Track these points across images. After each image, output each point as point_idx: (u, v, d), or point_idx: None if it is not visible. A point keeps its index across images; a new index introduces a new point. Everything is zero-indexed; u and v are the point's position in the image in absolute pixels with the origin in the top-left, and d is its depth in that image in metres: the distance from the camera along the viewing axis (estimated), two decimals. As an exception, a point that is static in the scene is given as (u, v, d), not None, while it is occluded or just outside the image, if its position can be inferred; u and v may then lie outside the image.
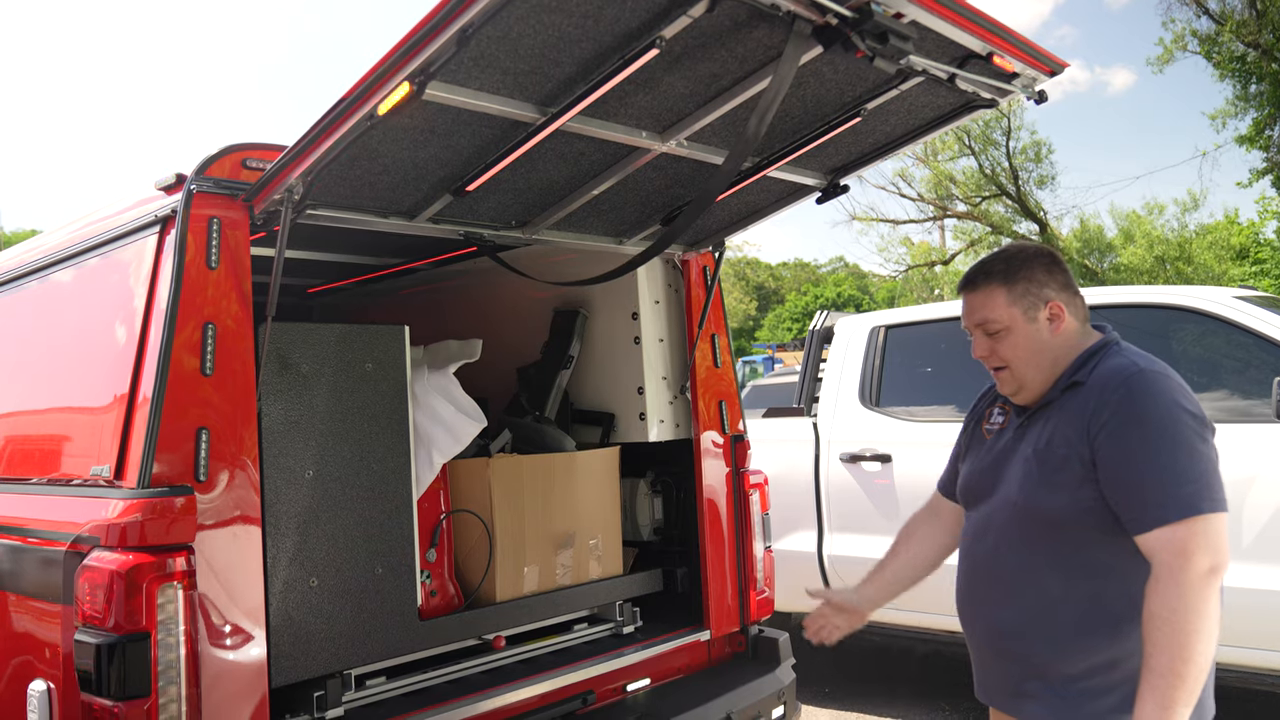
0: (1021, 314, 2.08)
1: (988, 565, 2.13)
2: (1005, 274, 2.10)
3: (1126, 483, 1.88)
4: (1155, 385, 1.92)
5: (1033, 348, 2.08)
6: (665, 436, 3.46)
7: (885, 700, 5.23)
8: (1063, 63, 2.48)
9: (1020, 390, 2.12)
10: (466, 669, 2.94)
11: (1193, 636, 1.77)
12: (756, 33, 2.15)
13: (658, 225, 3.19)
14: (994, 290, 2.11)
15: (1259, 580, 3.87)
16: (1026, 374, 2.10)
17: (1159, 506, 1.84)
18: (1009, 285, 2.09)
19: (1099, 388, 1.97)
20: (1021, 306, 2.08)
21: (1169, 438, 1.87)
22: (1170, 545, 1.82)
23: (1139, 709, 1.78)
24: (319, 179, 2.31)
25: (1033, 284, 2.09)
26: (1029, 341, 2.08)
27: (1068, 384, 2.04)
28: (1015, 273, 2.10)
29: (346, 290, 4.47)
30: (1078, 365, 2.05)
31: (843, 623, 2.46)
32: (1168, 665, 1.76)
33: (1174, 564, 1.80)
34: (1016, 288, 2.09)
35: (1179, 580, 1.79)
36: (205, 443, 2.23)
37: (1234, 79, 21.63)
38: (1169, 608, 1.79)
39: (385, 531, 2.69)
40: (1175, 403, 1.90)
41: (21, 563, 2.45)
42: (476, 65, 2.06)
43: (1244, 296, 4.45)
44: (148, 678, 2.06)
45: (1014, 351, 2.10)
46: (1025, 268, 2.10)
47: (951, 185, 28.55)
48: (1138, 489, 1.87)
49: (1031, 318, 2.08)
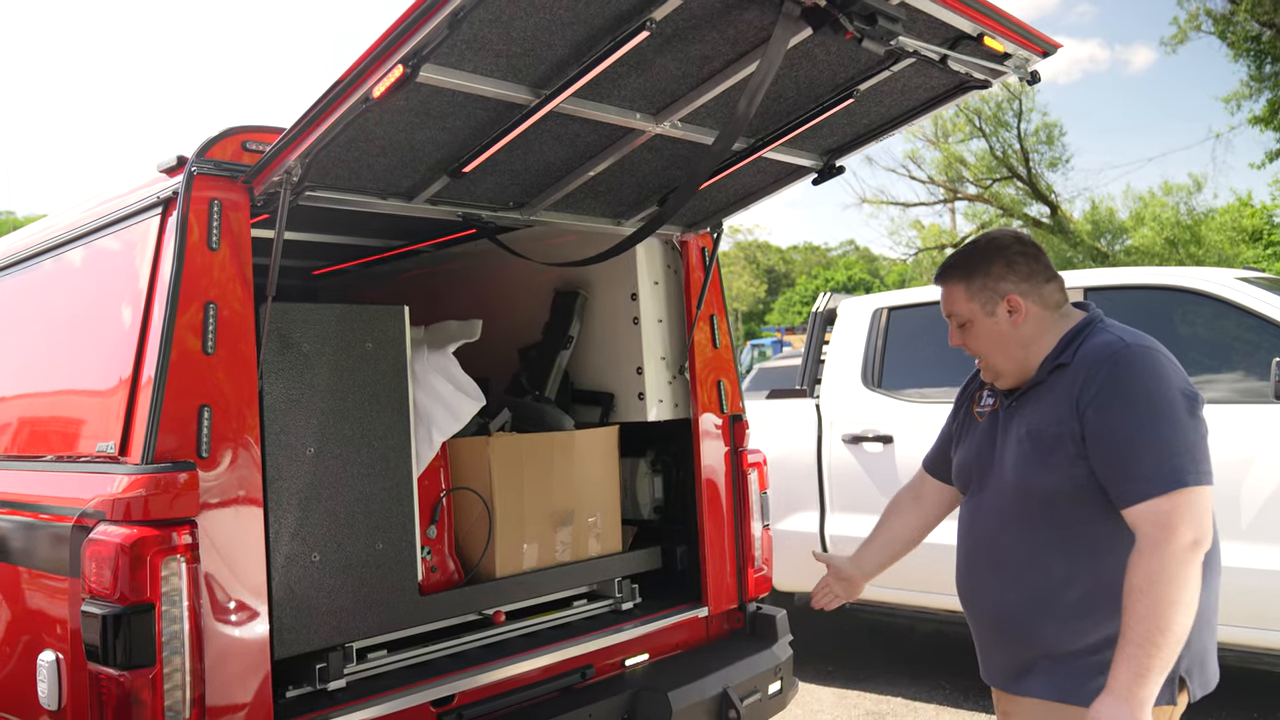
0: (980, 308, 2.14)
1: (987, 548, 2.15)
2: (964, 270, 2.17)
3: (1113, 457, 1.91)
4: (1141, 359, 1.95)
5: (995, 339, 2.13)
6: (664, 416, 3.50)
7: (887, 679, 5.28)
8: (1055, 43, 2.50)
9: (998, 378, 2.18)
10: (467, 643, 2.99)
11: (1172, 608, 1.80)
12: (746, 14, 2.17)
13: (655, 206, 3.22)
14: (954, 286, 2.18)
15: (1258, 560, 3.89)
16: (996, 363, 2.16)
17: (1144, 480, 1.86)
18: (966, 281, 2.16)
19: (1085, 365, 2.00)
20: (979, 301, 2.14)
21: (1154, 411, 1.89)
22: (1154, 518, 1.84)
23: (1113, 676, 1.81)
24: (317, 161, 2.34)
25: (989, 279, 2.13)
26: (991, 333, 2.14)
27: (1054, 365, 2.07)
28: (973, 269, 2.15)
29: (351, 272, 4.52)
30: (1062, 347, 2.08)
31: (841, 590, 2.56)
32: (1145, 635, 1.79)
33: (1158, 536, 1.83)
34: (974, 284, 2.14)
35: (1161, 552, 1.82)
36: (207, 420, 2.28)
37: (1248, 59, 21.41)
38: (1149, 579, 1.81)
39: (386, 508, 2.74)
40: (1161, 377, 1.93)
41: (30, 538, 2.51)
42: (469, 48, 2.09)
43: (1245, 278, 4.45)
44: (152, 648, 2.11)
45: (978, 343, 2.17)
46: (983, 264, 2.14)
47: (962, 167, 28.42)
48: (1123, 462, 1.89)
49: (990, 312, 2.13)
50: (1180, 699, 1.96)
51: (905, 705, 4.89)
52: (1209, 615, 2.01)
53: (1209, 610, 2.00)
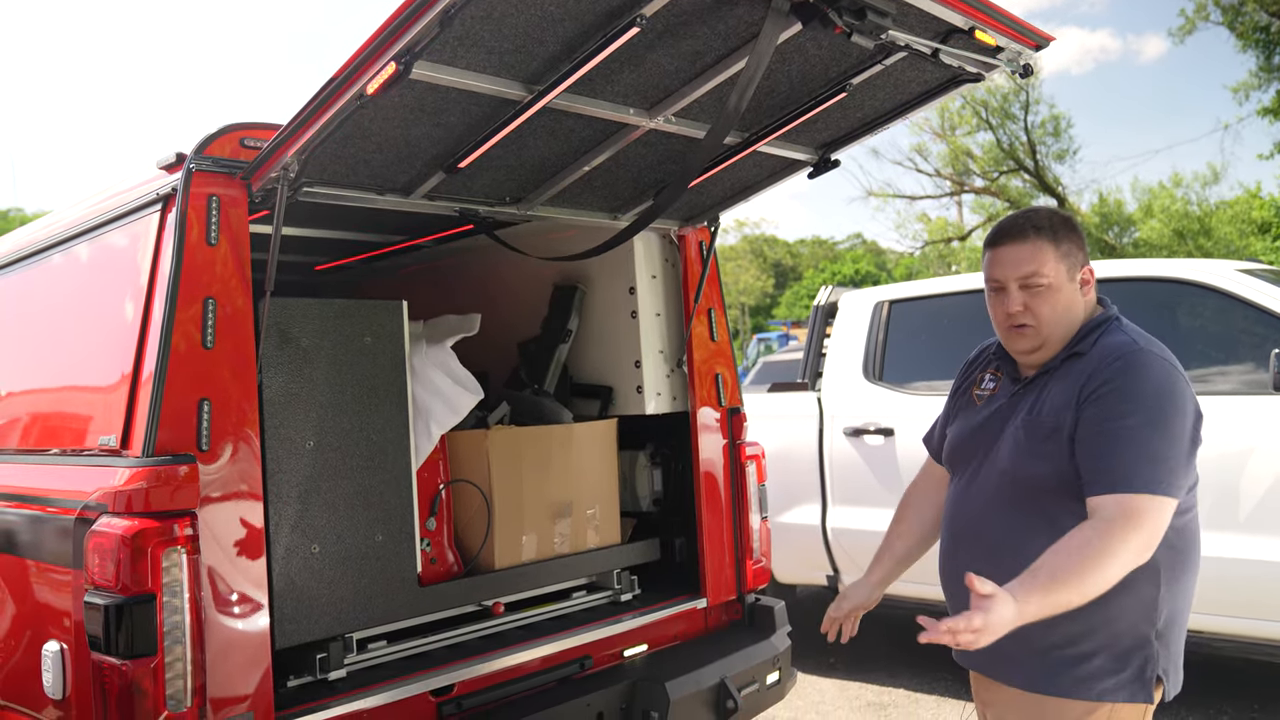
0: (1065, 272, 2.09)
1: (972, 530, 2.16)
2: (1053, 231, 2.10)
3: (1097, 445, 1.92)
4: (1153, 365, 1.96)
5: (1065, 307, 2.09)
6: (662, 409, 3.52)
7: (889, 671, 5.30)
8: (1047, 36, 2.50)
9: (1041, 347, 2.11)
10: (466, 634, 3.02)
11: (1091, 575, 1.79)
12: (737, 9, 2.19)
13: (652, 200, 3.24)
14: (1044, 245, 2.08)
15: (1257, 551, 3.89)
16: (1055, 333, 2.09)
17: (1124, 478, 1.87)
18: (1056, 243, 2.09)
19: (1098, 359, 2.00)
20: (1066, 265, 2.09)
21: (1154, 418, 1.90)
22: (1121, 506, 1.85)
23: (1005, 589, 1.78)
24: (314, 157, 2.37)
25: (1074, 245, 2.11)
26: (1065, 300, 2.08)
27: (1069, 353, 2.07)
28: (1060, 232, 2.10)
29: (353, 268, 4.55)
30: (1081, 335, 2.08)
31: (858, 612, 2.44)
32: (1049, 575, 1.79)
33: (1117, 519, 1.83)
34: (1062, 247, 2.09)
35: (1112, 531, 1.82)
36: (207, 414, 2.31)
37: (1257, 50, 21.30)
38: (1085, 541, 1.81)
39: (385, 500, 2.77)
40: (1167, 388, 1.94)
41: (34, 530, 2.55)
42: (462, 45, 2.11)
43: (1247, 269, 4.45)
44: (154, 638, 2.15)
45: (1051, 309, 2.08)
46: (1067, 229, 2.11)
47: (969, 160, 28.35)
48: (1107, 453, 1.90)
49: (1072, 278, 2.09)
50: (1156, 696, 1.97)
51: (907, 696, 4.91)
52: (1182, 618, 2.02)
53: (1183, 613, 2.01)
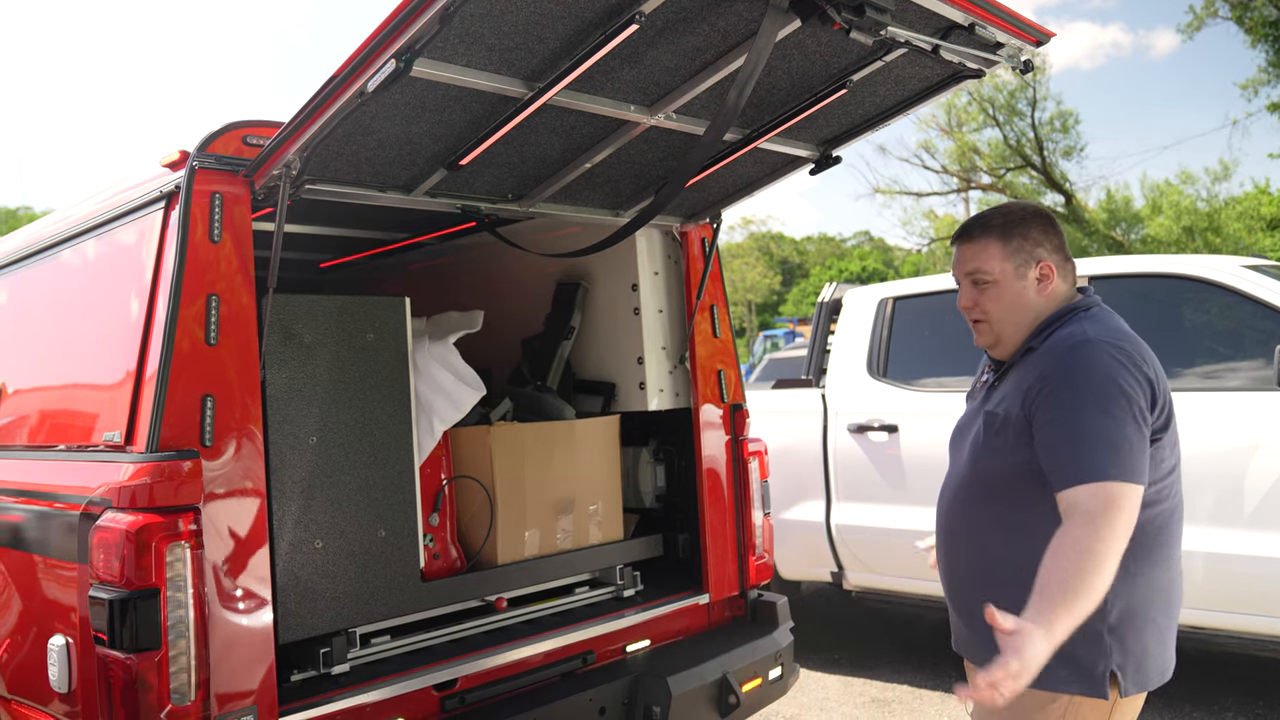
0: (1012, 270, 2.11)
1: (948, 521, 2.21)
2: (1002, 229, 2.13)
3: (1052, 445, 1.92)
4: (1093, 355, 1.94)
5: (1016, 304, 2.11)
6: (665, 406, 3.53)
7: (892, 667, 5.31)
8: (1048, 32, 2.50)
9: (996, 344, 2.16)
10: (469, 629, 3.04)
11: (1098, 572, 1.77)
12: (736, 6, 2.20)
13: (653, 198, 3.24)
14: (989, 243, 2.13)
15: (1260, 547, 3.89)
16: (1005, 329, 2.13)
17: (1080, 468, 1.86)
18: (1004, 240, 2.12)
19: (1047, 353, 2.02)
20: (1014, 262, 2.11)
21: (1094, 406, 1.89)
22: (1095, 496, 1.83)
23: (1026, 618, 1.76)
24: (316, 155, 2.38)
25: (1028, 241, 2.12)
26: (1014, 297, 2.11)
27: (1026, 348, 2.09)
28: (1012, 228, 2.12)
29: (357, 265, 4.57)
30: (1039, 330, 2.09)
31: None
32: (1061, 588, 1.76)
33: (1095, 510, 1.82)
34: (1011, 242, 2.11)
35: (1097, 524, 1.80)
36: (211, 410, 2.33)
37: (1266, 45, 21.19)
38: (1077, 545, 1.79)
39: (388, 496, 2.79)
40: (1109, 376, 1.92)
41: (40, 526, 2.57)
42: (462, 42, 2.12)
43: (1253, 265, 4.44)
44: (158, 632, 2.17)
45: (996, 305, 2.13)
46: (1022, 225, 2.13)
47: (976, 157, 28.27)
48: (1060, 449, 1.90)
49: (1021, 275, 2.11)
50: (1112, 694, 1.93)
51: (911, 693, 4.92)
52: (1150, 613, 1.98)
53: (1150, 608, 1.98)
